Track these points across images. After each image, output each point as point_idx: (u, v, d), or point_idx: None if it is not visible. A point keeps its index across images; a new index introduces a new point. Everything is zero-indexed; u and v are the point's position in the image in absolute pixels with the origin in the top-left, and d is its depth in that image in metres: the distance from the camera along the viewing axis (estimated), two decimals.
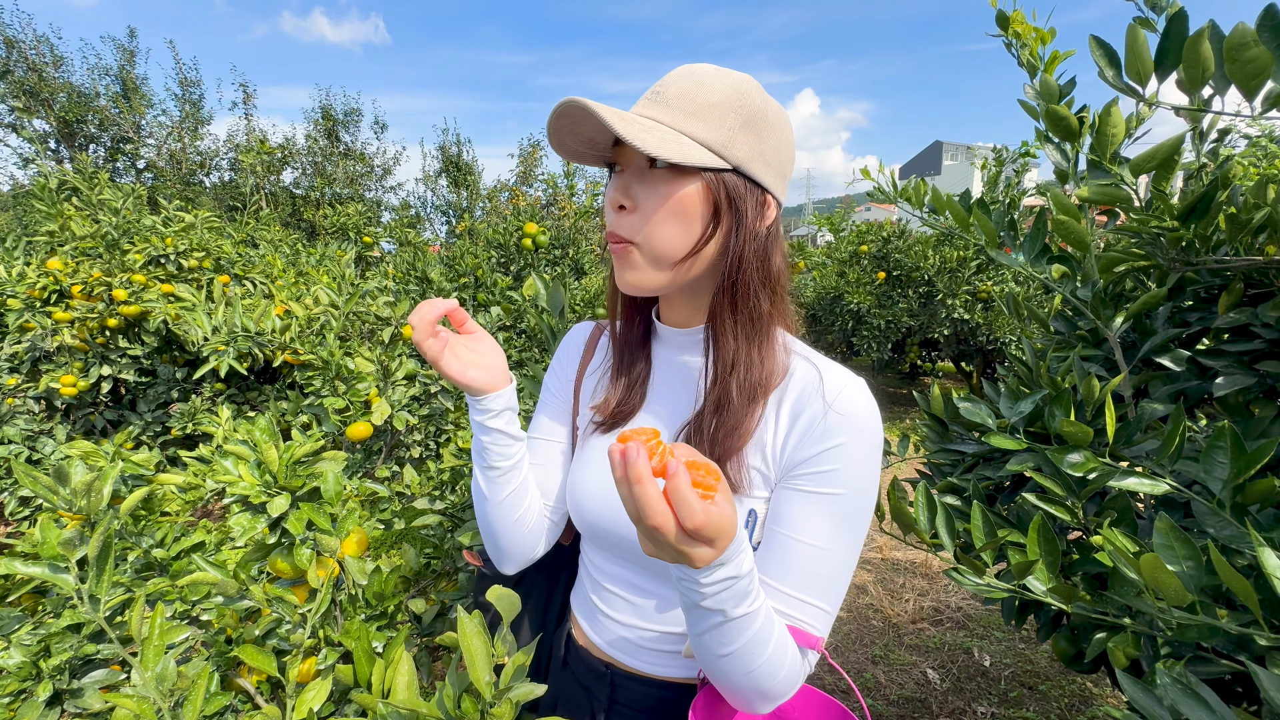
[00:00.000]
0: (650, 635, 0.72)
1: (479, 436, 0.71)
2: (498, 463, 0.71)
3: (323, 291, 1.95)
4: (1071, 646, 0.95)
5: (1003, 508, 1.07)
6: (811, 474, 0.61)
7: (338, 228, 6.83)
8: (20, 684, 0.91)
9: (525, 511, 0.75)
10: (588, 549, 0.80)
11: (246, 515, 0.82)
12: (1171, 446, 0.75)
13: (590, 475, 0.73)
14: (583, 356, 0.83)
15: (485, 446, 0.71)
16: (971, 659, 2.28)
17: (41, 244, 3.07)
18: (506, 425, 0.71)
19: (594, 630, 0.77)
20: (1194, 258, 0.90)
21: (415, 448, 1.94)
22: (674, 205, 0.59)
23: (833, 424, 0.61)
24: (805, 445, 0.62)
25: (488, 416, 0.70)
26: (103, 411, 2.91)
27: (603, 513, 0.71)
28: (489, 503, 0.73)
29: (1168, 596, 0.57)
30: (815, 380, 0.64)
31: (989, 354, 5.21)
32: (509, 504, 0.73)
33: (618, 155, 0.64)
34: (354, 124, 9.69)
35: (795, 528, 0.61)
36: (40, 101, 7.53)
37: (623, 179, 0.62)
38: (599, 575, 0.77)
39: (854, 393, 0.63)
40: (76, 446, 1.27)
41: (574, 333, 0.87)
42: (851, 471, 0.60)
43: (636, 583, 0.73)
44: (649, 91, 0.62)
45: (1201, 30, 0.70)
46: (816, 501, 0.61)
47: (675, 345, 0.73)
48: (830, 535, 0.60)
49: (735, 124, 0.59)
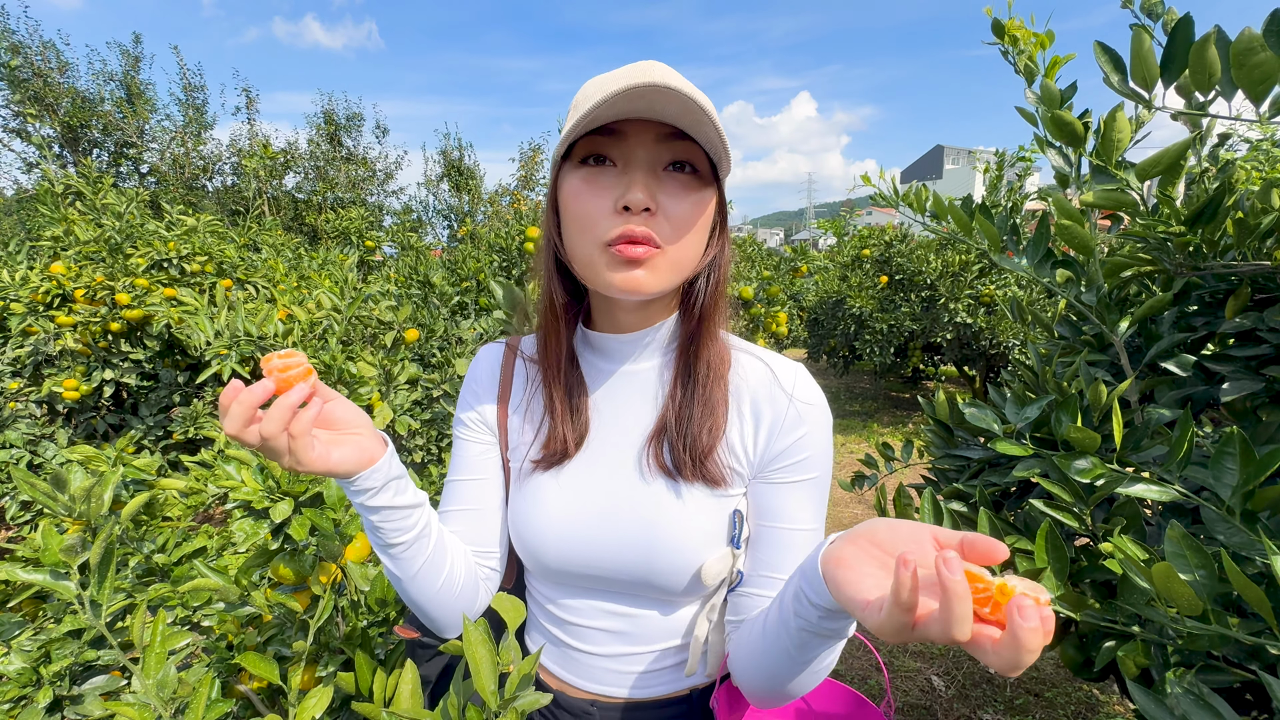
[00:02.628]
0: (642, 657, 0.69)
1: (365, 518, 0.60)
2: (396, 539, 0.61)
3: (325, 296, 1.96)
4: (1079, 654, 0.94)
5: (1009, 514, 1.06)
6: (790, 464, 0.64)
7: (340, 232, 6.85)
8: (20, 690, 0.90)
9: (448, 576, 0.66)
10: (547, 590, 0.73)
11: (249, 520, 0.81)
12: (1180, 452, 0.75)
13: (545, 515, 0.67)
14: (499, 385, 0.75)
15: (376, 526, 0.60)
16: (977, 665, 2.26)
17: (45, 248, 3.08)
18: (395, 498, 0.60)
19: (570, 671, 0.72)
20: (1201, 262, 0.89)
21: (418, 452, 1.94)
22: (704, 215, 0.59)
23: (798, 414, 0.64)
24: (778, 438, 0.64)
25: (368, 496, 0.58)
26: (105, 416, 2.91)
27: (569, 553, 0.66)
28: (403, 581, 0.64)
29: (1180, 606, 0.56)
30: (766, 374, 0.67)
31: (992, 358, 5.20)
32: (425, 577, 0.64)
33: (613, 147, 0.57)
34: (356, 129, 9.73)
35: (786, 518, 0.64)
36: (45, 107, 7.57)
37: (640, 177, 0.56)
38: (567, 614, 0.71)
39: (806, 379, 0.67)
40: (77, 451, 1.27)
41: (483, 359, 0.77)
42: (821, 454, 0.65)
43: (618, 610, 0.69)
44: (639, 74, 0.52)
45: (1208, 35, 0.70)
46: (798, 489, 0.64)
47: (617, 354, 0.69)
48: (814, 516, 0.65)
49: (722, 130, 0.58)
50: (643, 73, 0.52)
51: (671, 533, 0.63)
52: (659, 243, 0.57)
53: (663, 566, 0.63)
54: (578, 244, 0.59)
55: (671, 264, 0.59)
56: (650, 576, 0.64)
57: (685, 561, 0.63)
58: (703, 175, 0.59)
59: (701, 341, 0.65)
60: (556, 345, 0.68)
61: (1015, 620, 0.34)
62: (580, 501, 0.66)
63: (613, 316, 0.67)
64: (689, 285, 0.66)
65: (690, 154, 0.57)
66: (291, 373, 0.52)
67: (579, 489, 0.67)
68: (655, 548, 0.63)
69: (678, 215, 0.57)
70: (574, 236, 0.59)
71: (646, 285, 0.58)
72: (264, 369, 0.52)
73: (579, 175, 0.58)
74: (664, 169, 0.57)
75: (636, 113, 0.53)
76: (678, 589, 0.65)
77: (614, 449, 0.68)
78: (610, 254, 0.57)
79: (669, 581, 0.64)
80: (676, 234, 0.57)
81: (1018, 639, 0.33)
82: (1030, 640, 0.33)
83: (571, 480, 0.67)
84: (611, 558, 0.65)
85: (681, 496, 0.64)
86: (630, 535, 0.64)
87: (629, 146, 0.56)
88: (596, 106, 0.51)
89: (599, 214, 0.56)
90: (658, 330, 0.68)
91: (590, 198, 0.57)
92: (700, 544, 0.63)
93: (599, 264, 0.58)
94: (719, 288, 0.65)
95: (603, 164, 0.58)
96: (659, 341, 0.69)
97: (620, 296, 0.59)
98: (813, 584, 0.49)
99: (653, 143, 0.56)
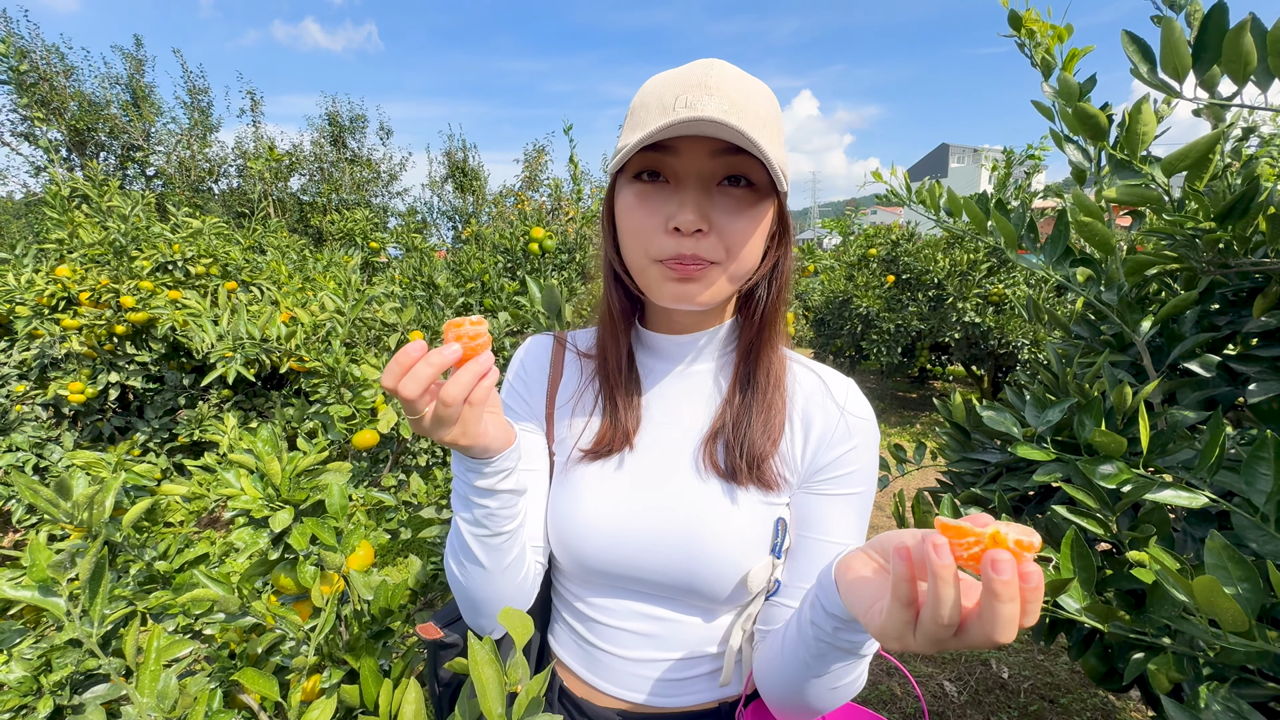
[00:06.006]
0: (673, 663, 0.67)
1: (480, 502, 0.58)
2: (504, 526, 0.59)
3: (328, 298, 1.94)
4: (1103, 665, 0.91)
5: (1029, 519, 1.03)
6: (836, 477, 0.64)
7: (345, 233, 6.85)
8: (21, 699, 0.89)
9: (526, 569, 0.65)
10: (576, 587, 0.71)
11: (249, 529, 0.80)
12: (1211, 457, 0.72)
13: (588, 511, 0.65)
14: (549, 376, 0.74)
15: (492, 513, 0.58)
16: (990, 671, 2.23)
17: (51, 251, 3.08)
18: (517, 482, 0.59)
19: (598, 675, 0.69)
20: (1231, 260, 0.86)
21: (422, 456, 1.92)
22: (762, 228, 0.58)
23: (848, 427, 0.64)
24: (826, 449, 0.64)
25: (499, 479, 0.57)
26: (110, 418, 2.90)
27: (611, 552, 0.64)
28: (488, 573, 0.61)
29: (1224, 621, 0.53)
30: (819, 385, 0.67)
31: (1000, 358, 5.15)
32: (514, 568, 0.63)
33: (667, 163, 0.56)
34: (360, 130, 9.74)
35: (830, 530, 0.63)
36: (52, 110, 7.60)
37: (692, 196, 0.54)
38: (597, 614, 0.68)
39: (857, 393, 0.66)
40: (79, 456, 1.26)
41: (531, 350, 0.76)
42: (868, 469, 0.65)
43: (653, 613, 0.67)
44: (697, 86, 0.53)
45: (1243, 23, 0.67)
46: (844, 502, 0.64)
47: (672, 355, 0.69)
48: (856, 531, 0.64)
49: (783, 140, 0.58)
50: (695, 90, 0.52)
51: (717, 535, 0.62)
52: (712, 259, 0.56)
53: (705, 570, 0.62)
54: (632, 256, 0.60)
55: (729, 278, 0.59)
56: (692, 580, 0.63)
57: (729, 566, 0.62)
58: (759, 188, 0.57)
59: (763, 348, 0.66)
60: (615, 348, 0.69)
61: (988, 574, 0.33)
62: (627, 499, 0.65)
63: (669, 318, 0.68)
64: (749, 292, 0.65)
65: (746, 167, 0.56)
66: (479, 340, 0.49)
67: (626, 486, 0.66)
68: (700, 549, 0.62)
69: (732, 232, 0.56)
70: (628, 249, 0.60)
71: (700, 297, 0.58)
72: (448, 335, 0.49)
73: (633, 190, 0.58)
74: (719, 184, 0.56)
75: (689, 131, 0.51)
76: (719, 595, 0.63)
77: (664, 450, 0.67)
78: (662, 268, 0.57)
79: (711, 587, 0.63)
80: (730, 251, 0.57)
81: (991, 592, 0.33)
82: (1004, 591, 0.32)
83: (619, 477, 0.66)
84: (654, 558, 0.63)
85: (736, 500, 0.63)
86: (676, 536, 0.63)
87: (682, 163, 0.55)
88: (650, 136, 0.50)
89: (651, 231, 0.56)
90: (715, 334, 0.68)
91: (644, 215, 0.57)
92: (744, 551, 0.62)
93: (652, 276, 0.59)
94: (780, 295, 0.64)
95: (656, 179, 0.57)
96: (715, 344, 0.68)
97: (673, 307, 0.60)
98: (827, 592, 0.50)
99: (707, 158, 0.55)
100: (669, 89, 0.54)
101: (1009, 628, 0.34)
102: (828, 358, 6.33)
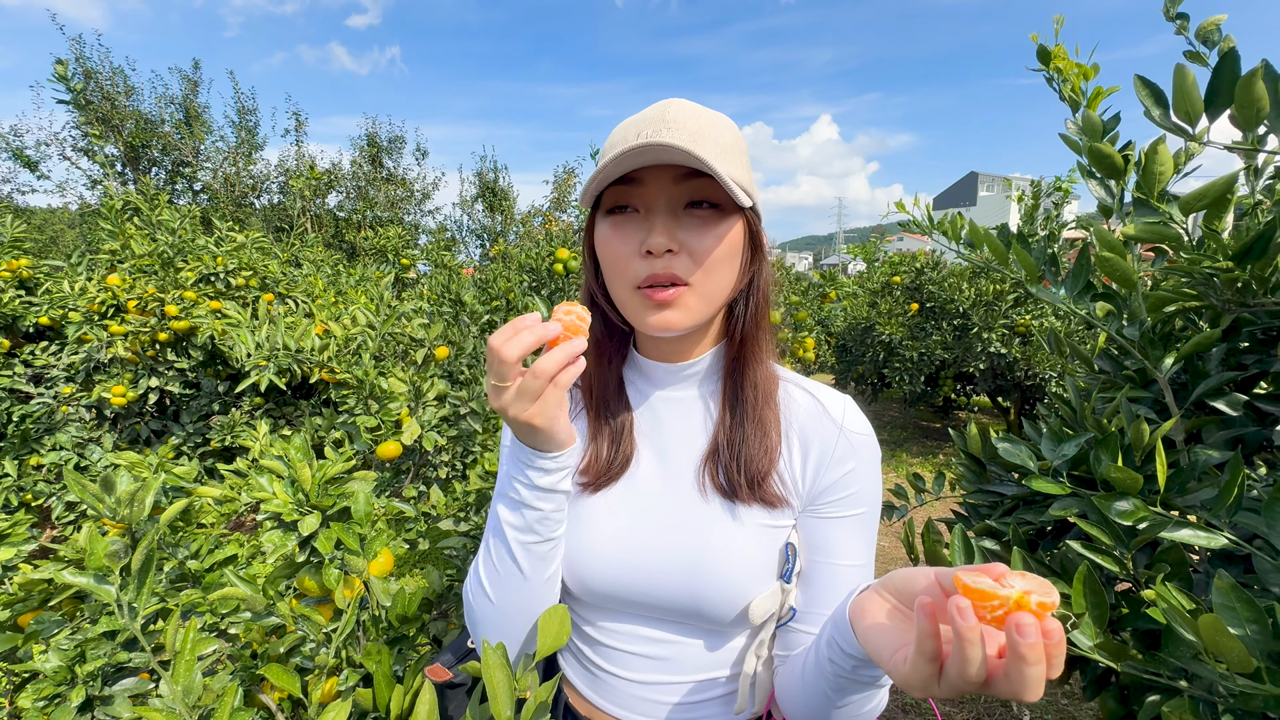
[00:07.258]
0: (681, 687, 0.67)
1: (536, 504, 0.58)
2: (554, 531, 0.60)
3: (360, 312, 2.01)
4: (1120, 708, 0.89)
5: (1044, 554, 1.02)
6: (841, 498, 0.64)
7: (378, 249, 7.07)
8: (55, 688, 0.93)
9: (559, 587, 0.66)
10: (583, 611, 0.71)
11: (278, 532, 0.83)
12: (1230, 497, 0.71)
13: (591, 538, 0.66)
14: None
15: (546, 516, 0.59)
16: (1010, 713, 2.16)
17: (103, 260, 3.25)
18: (570, 484, 0.61)
19: (603, 697, 0.69)
20: (1251, 299, 0.86)
21: (443, 468, 1.96)
22: (729, 246, 0.60)
23: (849, 444, 0.64)
24: (828, 470, 0.64)
25: (560, 477, 0.58)
26: (148, 421, 3.02)
27: (615, 577, 0.65)
28: (528, 584, 0.61)
29: (1230, 662, 0.53)
30: (814, 405, 0.67)
31: (1027, 390, 5.04)
32: (551, 581, 0.63)
33: (635, 195, 0.60)
34: (397, 150, 10.10)
35: (838, 553, 0.64)
36: (111, 128, 8.05)
37: (660, 221, 0.58)
38: (603, 636, 0.69)
39: (855, 410, 0.67)
40: (123, 456, 1.32)
41: None
42: (871, 487, 0.65)
43: (660, 637, 0.67)
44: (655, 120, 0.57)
45: (1255, 70, 0.68)
46: (849, 524, 0.64)
47: (663, 380, 0.70)
48: (865, 550, 0.65)
49: (747, 161, 0.62)
50: (654, 125, 0.56)
51: (721, 555, 0.63)
52: (685, 280, 0.59)
53: (710, 592, 0.62)
54: (614, 286, 0.63)
55: (701, 298, 0.61)
56: (698, 604, 0.63)
57: (733, 588, 0.62)
58: (724, 207, 0.60)
59: (747, 364, 0.67)
60: (600, 376, 0.71)
61: (1013, 638, 0.34)
62: (630, 523, 0.66)
63: (658, 345, 0.70)
64: (730, 311, 0.68)
65: (707, 191, 0.59)
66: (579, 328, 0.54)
67: (629, 511, 0.67)
68: (704, 570, 0.63)
69: (701, 251, 0.59)
70: (611, 280, 0.63)
71: (678, 323, 0.60)
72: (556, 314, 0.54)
73: (608, 224, 0.62)
74: (684, 208, 0.60)
75: (649, 162, 0.56)
76: (725, 620, 0.63)
77: (664, 473, 0.68)
78: (642, 297, 0.60)
79: (716, 611, 0.63)
80: (702, 269, 0.59)
81: (1018, 655, 0.34)
82: (1030, 654, 0.34)
83: (620, 503, 0.68)
84: (658, 583, 0.64)
85: (739, 519, 0.64)
86: (680, 557, 0.63)
87: (648, 193, 0.60)
88: (610, 163, 0.55)
89: (627, 258, 0.60)
90: (703, 359, 0.69)
91: (619, 244, 0.60)
92: (749, 572, 0.63)
93: (634, 306, 0.61)
94: (759, 310, 0.66)
95: (626, 211, 0.61)
96: (705, 369, 0.70)
97: (656, 334, 0.62)
98: (843, 634, 0.50)
99: (671, 184, 0.59)
100: (631, 128, 0.58)
101: (1036, 687, 0.35)
102: (849, 384, 6.27)
